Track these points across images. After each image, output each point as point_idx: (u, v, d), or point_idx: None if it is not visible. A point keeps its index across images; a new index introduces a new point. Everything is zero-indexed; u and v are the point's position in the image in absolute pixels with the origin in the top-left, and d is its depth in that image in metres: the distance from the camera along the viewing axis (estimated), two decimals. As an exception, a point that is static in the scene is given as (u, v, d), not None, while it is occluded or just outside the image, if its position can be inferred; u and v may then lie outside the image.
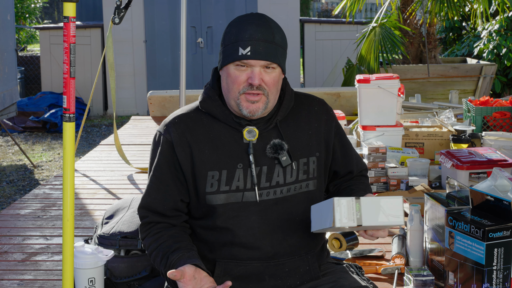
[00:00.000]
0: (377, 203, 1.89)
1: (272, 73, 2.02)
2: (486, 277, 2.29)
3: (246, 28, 2.00)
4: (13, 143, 8.43)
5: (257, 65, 1.99)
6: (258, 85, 2.00)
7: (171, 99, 7.20)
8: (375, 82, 4.52)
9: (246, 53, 1.98)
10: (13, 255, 3.28)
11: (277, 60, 2.01)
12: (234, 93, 2.02)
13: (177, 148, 2.06)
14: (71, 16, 2.01)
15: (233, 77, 2.01)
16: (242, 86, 2.01)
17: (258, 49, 1.98)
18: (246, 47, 1.98)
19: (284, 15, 10.04)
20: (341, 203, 1.87)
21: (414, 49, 8.53)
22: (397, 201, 1.91)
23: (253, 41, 1.98)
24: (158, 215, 2.10)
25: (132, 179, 4.77)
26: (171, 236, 2.07)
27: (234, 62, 2.00)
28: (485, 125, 4.91)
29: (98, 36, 10.54)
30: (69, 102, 2.04)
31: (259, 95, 2.01)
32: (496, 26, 9.02)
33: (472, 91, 7.96)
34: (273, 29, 2.02)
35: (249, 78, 2.00)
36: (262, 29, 2.00)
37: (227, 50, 2.02)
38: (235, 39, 2.00)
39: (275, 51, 2.01)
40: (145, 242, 2.10)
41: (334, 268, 2.20)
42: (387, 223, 1.90)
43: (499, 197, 2.36)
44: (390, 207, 1.90)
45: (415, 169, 4.07)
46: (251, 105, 2.02)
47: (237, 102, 2.02)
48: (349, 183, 2.25)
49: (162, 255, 2.03)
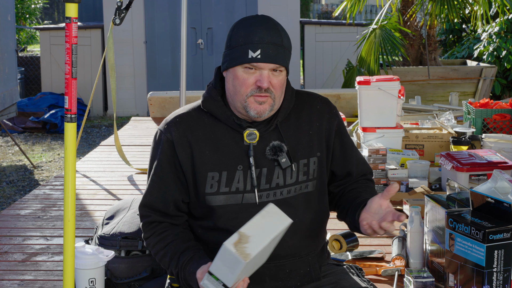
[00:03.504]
0: (257, 224, 1.82)
1: (279, 76, 2.02)
2: (486, 279, 2.29)
3: (256, 31, 1.99)
4: (13, 143, 8.43)
5: (266, 68, 1.99)
6: (267, 87, 2.00)
7: (171, 100, 7.20)
8: (375, 84, 4.53)
9: (256, 56, 1.97)
10: (13, 255, 3.28)
11: (285, 63, 2.02)
12: (241, 96, 2.01)
13: (177, 148, 2.06)
14: (73, 17, 2.01)
15: (241, 79, 2.00)
16: (250, 89, 2.00)
17: (268, 52, 1.98)
18: (256, 50, 1.98)
19: (284, 16, 10.04)
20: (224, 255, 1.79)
21: (414, 51, 8.53)
22: (270, 209, 1.86)
23: (263, 44, 1.98)
24: (161, 214, 2.10)
25: (132, 180, 4.77)
26: (178, 235, 2.07)
27: (243, 65, 2.00)
28: (485, 127, 4.91)
29: (98, 37, 10.55)
30: (70, 103, 2.04)
31: (266, 97, 2.01)
32: (496, 29, 9.02)
33: (472, 93, 7.96)
34: (281, 32, 2.02)
35: (257, 81, 1.99)
36: (271, 32, 2.00)
37: (235, 52, 2.01)
38: (244, 41, 1.99)
39: (284, 54, 2.01)
40: (150, 241, 2.09)
41: (334, 269, 2.20)
42: (278, 231, 1.84)
43: (499, 199, 2.36)
44: (269, 217, 1.85)
45: (415, 171, 4.07)
46: (259, 106, 2.01)
47: (244, 104, 2.02)
48: (354, 185, 2.21)
49: (171, 255, 2.03)
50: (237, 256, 1.76)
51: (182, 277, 2.00)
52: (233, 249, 1.77)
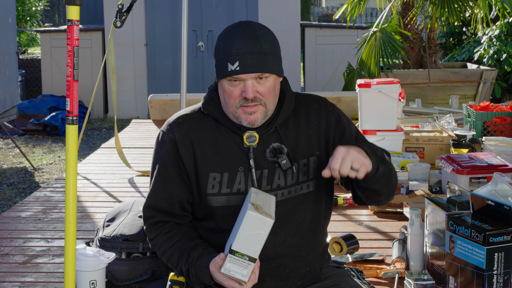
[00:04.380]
0: (257, 198, 1.92)
1: (266, 82, 2.01)
2: (487, 282, 2.30)
3: (233, 42, 1.99)
4: (13, 145, 8.44)
5: (248, 78, 1.99)
6: (253, 97, 2.00)
7: (171, 103, 7.21)
8: (375, 87, 4.53)
9: (235, 68, 1.97)
10: (14, 257, 3.28)
11: (268, 69, 1.99)
12: (232, 107, 2.02)
13: (180, 148, 2.08)
14: (74, 20, 2.01)
15: (228, 92, 2.01)
16: (238, 100, 2.01)
17: (246, 62, 1.97)
18: (234, 62, 1.97)
19: (285, 19, 10.05)
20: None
21: (415, 54, 8.54)
22: (254, 190, 1.98)
23: (240, 55, 1.97)
24: (166, 214, 2.10)
25: (133, 182, 4.78)
26: (185, 234, 2.07)
27: (226, 78, 2.00)
28: (485, 130, 4.92)
29: (99, 40, 10.56)
30: (72, 105, 2.05)
31: (256, 106, 2.01)
32: (496, 32, 9.03)
33: (473, 96, 7.97)
34: (260, 38, 1.99)
35: (243, 92, 2.00)
36: (247, 41, 1.98)
37: (218, 65, 2.02)
38: (224, 55, 2.00)
39: (265, 61, 1.99)
40: (156, 241, 2.09)
41: (335, 271, 2.20)
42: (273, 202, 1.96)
43: (499, 201, 2.36)
44: (260, 194, 1.96)
45: (415, 174, 4.07)
46: (249, 116, 2.02)
47: (236, 115, 2.03)
48: None
49: (180, 252, 2.03)
50: (264, 217, 1.81)
51: (192, 273, 2.00)
52: (258, 213, 1.82)
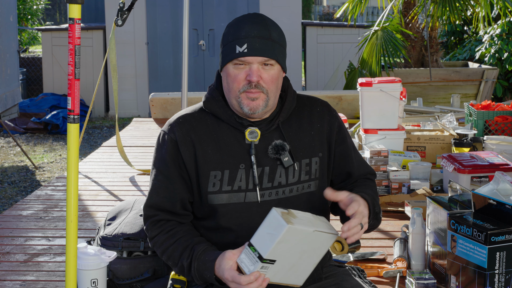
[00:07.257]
0: (307, 215, 1.90)
1: (270, 70, 2.02)
2: (488, 281, 2.30)
3: (243, 26, 2.02)
4: (14, 144, 8.44)
5: (254, 62, 2.00)
6: (257, 82, 2.00)
7: (173, 101, 7.21)
8: (377, 86, 4.53)
9: (243, 50, 1.99)
10: (15, 256, 3.28)
11: (275, 56, 2.02)
12: (235, 92, 2.03)
13: (181, 147, 2.07)
14: (76, 18, 2.01)
15: (233, 76, 2.02)
16: (242, 85, 2.02)
17: (254, 45, 1.99)
18: (242, 45, 1.99)
19: (286, 18, 10.04)
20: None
21: (416, 53, 8.54)
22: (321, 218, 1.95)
23: (249, 38, 1.99)
24: (168, 213, 2.10)
25: (134, 181, 4.78)
26: (188, 232, 2.07)
27: (232, 61, 2.01)
28: (486, 129, 4.91)
29: (100, 38, 10.55)
30: (73, 104, 2.04)
31: (258, 93, 2.02)
32: (497, 31, 9.02)
33: (474, 95, 7.96)
34: (270, 26, 2.03)
35: (247, 76, 2.01)
36: (258, 26, 2.01)
37: (225, 50, 2.04)
38: (232, 38, 2.02)
39: (272, 47, 2.01)
40: (158, 239, 2.08)
41: (336, 271, 2.20)
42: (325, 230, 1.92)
43: (501, 201, 2.36)
44: (320, 220, 1.93)
45: (416, 173, 4.07)
46: (251, 102, 2.02)
47: (238, 100, 2.03)
48: (352, 184, 2.21)
49: (183, 247, 2.02)
50: (281, 220, 1.79)
51: (195, 267, 1.98)
52: (279, 215, 1.80)
